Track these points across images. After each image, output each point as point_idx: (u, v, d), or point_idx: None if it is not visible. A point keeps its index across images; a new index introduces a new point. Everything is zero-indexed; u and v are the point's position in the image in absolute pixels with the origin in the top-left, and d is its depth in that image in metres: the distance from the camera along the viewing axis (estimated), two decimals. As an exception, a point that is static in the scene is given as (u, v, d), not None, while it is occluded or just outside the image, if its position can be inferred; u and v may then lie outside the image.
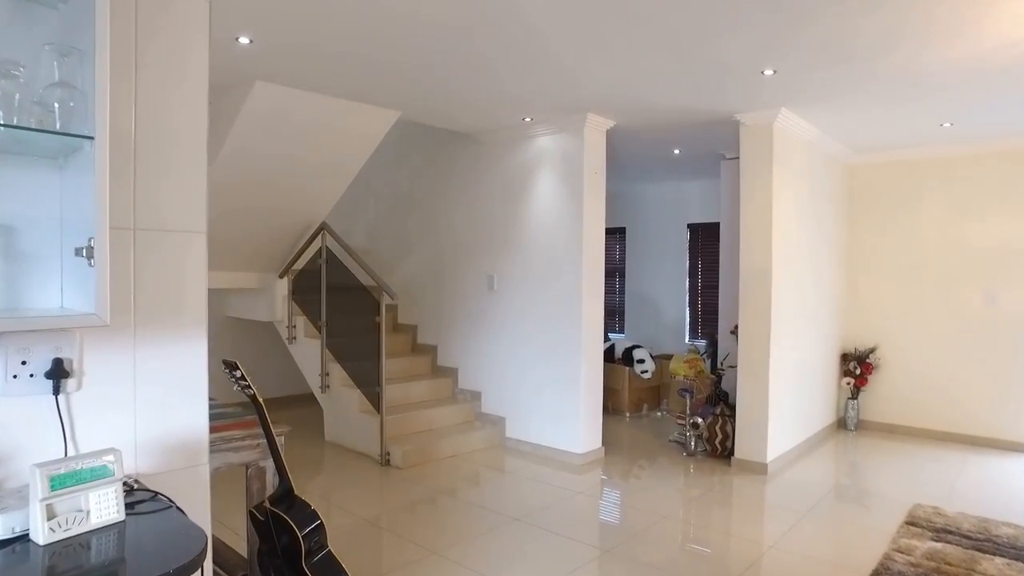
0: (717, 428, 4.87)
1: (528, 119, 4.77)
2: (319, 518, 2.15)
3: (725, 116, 4.54)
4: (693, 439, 4.98)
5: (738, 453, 4.64)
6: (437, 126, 5.18)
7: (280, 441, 2.49)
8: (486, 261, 5.39)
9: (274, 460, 2.18)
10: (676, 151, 5.94)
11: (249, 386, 2.03)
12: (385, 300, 4.75)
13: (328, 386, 5.22)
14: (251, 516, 2.24)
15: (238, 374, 2.01)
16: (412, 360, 5.75)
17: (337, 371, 5.20)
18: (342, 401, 5.13)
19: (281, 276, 5.38)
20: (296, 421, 5.93)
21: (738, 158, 4.77)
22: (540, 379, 4.99)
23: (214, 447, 2.33)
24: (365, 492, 4.14)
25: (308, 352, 5.37)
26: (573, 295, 4.76)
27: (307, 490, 4.15)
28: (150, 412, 1.45)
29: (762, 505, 3.99)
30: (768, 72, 3.58)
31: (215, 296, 6.10)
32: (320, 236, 5.14)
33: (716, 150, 5.74)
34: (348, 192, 5.28)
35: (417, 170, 6.08)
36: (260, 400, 2.08)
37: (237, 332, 6.37)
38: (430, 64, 3.56)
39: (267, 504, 2.14)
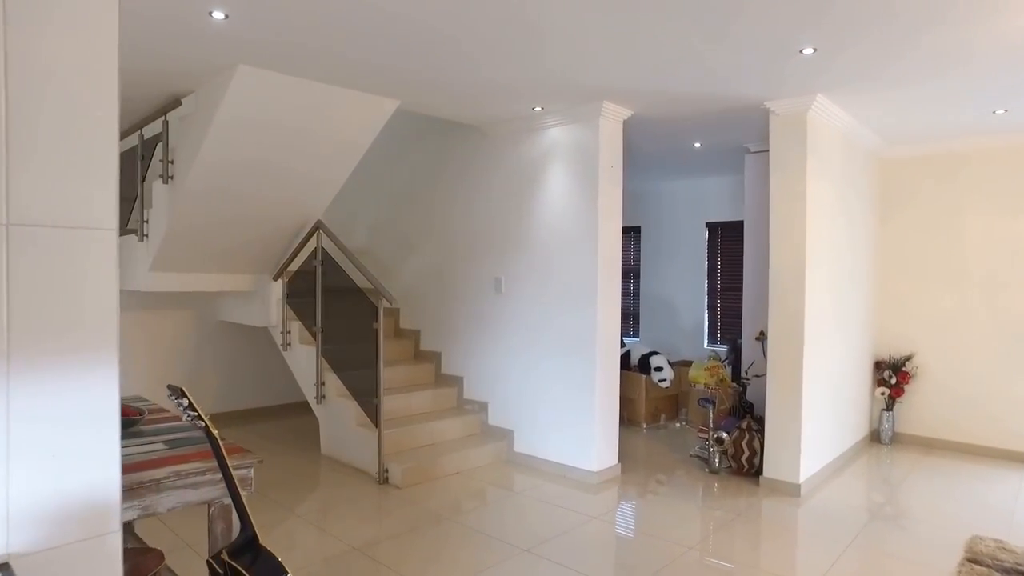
0: (743, 444, 4.48)
1: (538, 108, 4.40)
2: (286, 572, 1.79)
3: (754, 104, 4.15)
4: (717, 455, 4.59)
5: (767, 472, 4.25)
6: (439, 117, 4.80)
7: (247, 475, 2.14)
8: (493, 262, 5.01)
9: (234, 504, 1.82)
10: (697, 144, 5.55)
11: (200, 417, 1.68)
12: (384, 304, 4.39)
13: (324, 396, 4.86)
14: (209, 567, 1.88)
15: (185, 402, 1.66)
16: (414, 368, 5.39)
17: (333, 380, 4.84)
18: (338, 413, 4.78)
19: (275, 278, 5.04)
20: (293, 432, 5.61)
21: (765, 151, 4.39)
22: (551, 389, 4.61)
23: (168, 483, 1.98)
24: (359, 515, 3.77)
25: (303, 359, 5.03)
26: (587, 299, 4.37)
27: (297, 511, 3.80)
28: (31, 467, 1.09)
29: (798, 534, 3.59)
30: (808, 51, 3.19)
31: (207, 300, 5.79)
32: (315, 236, 4.79)
33: (740, 143, 5.34)
34: (345, 188, 4.93)
35: (419, 165, 5.72)
36: (215, 433, 1.72)
37: (233, 337, 6.08)
38: (429, 44, 3.19)
39: (225, 557, 1.79)
